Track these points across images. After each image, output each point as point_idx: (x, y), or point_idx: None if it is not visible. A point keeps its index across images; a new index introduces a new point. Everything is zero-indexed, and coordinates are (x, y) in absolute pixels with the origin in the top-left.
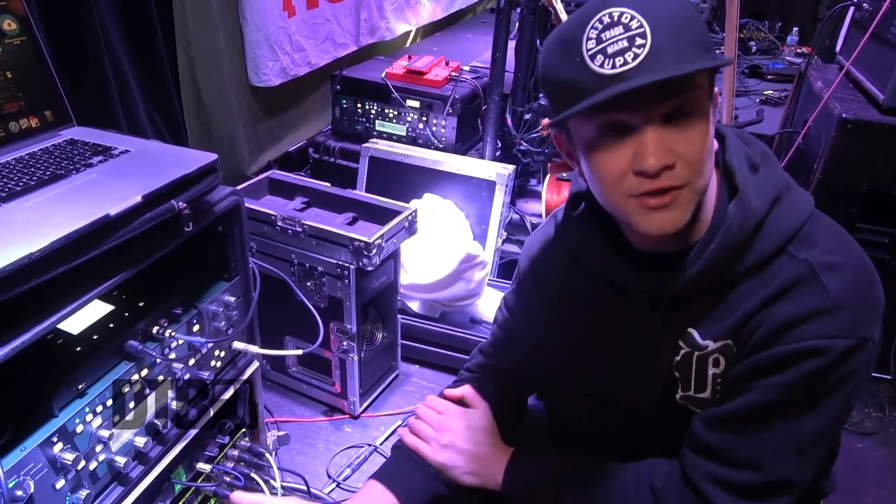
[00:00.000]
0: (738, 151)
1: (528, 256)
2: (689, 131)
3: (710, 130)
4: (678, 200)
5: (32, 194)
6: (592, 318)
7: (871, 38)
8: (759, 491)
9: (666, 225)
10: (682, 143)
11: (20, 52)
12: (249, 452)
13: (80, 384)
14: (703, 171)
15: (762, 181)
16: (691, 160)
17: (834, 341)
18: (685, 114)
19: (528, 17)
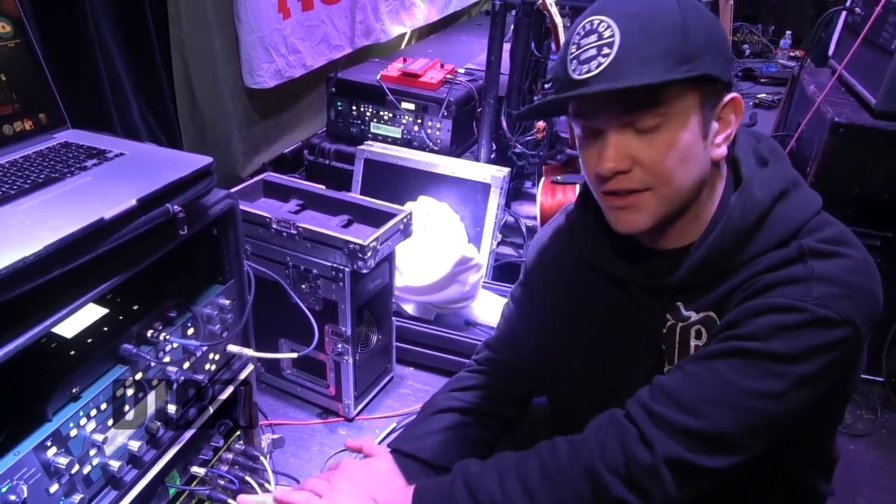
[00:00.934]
0: (746, 146)
1: (537, 249)
2: (653, 142)
3: (686, 140)
4: (638, 203)
5: (27, 197)
6: (596, 311)
7: (863, 43)
8: (695, 438)
9: (629, 225)
10: (644, 151)
11: (14, 55)
12: (244, 455)
13: (75, 388)
14: (669, 179)
15: (769, 175)
16: (653, 168)
17: (805, 303)
18: (648, 127)
19: (522, 19)
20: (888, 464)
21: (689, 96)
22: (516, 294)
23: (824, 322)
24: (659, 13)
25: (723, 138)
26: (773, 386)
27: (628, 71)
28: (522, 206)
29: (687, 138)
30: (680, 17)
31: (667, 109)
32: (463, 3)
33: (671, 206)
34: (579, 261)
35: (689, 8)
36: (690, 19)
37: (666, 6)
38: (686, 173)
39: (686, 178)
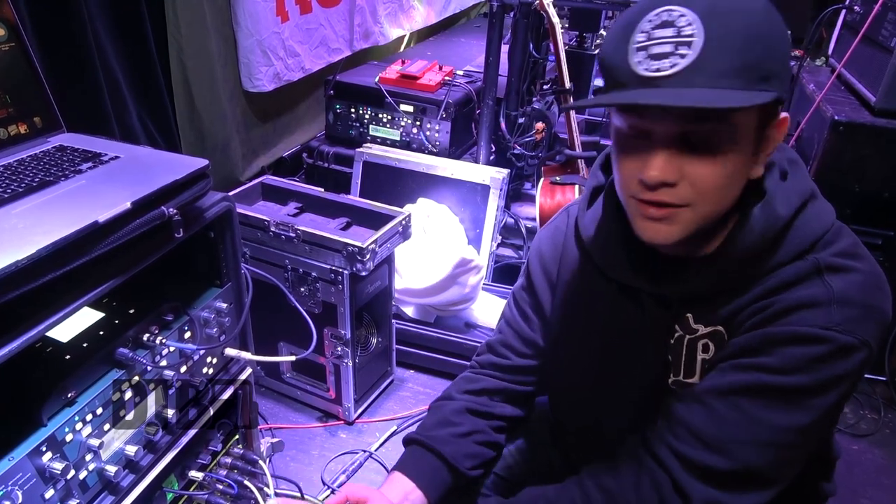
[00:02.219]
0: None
1: (538, 253)
2: (706, 159)
3: (739, 159)
4: (675, 218)
5: (20, 201)
6: (601, 316)
7: (862, 41)
8: (728, 479)
9: (657, 236)
10: (694, 168)
11: (9, 59)
12: (243, 460)
13: (70, 392)
14: (713, 199)
15: (789, 188)
16: (699, 187)
17: (829, 332)
18: (704, 141)
19: (520, 21)
20: (891, 463)
21: (752, 115)
22: (518, 295)
23: (847, 350)
24: (748, 18)
25: (763, 157)
26: (801, 419)
27: (705, 81)
28: (522, 208)
29: (740, 158)
30: (767, 28)
31: (729, 127)
32: (462, 5)
33: (706, 223)
34: (583, 263)
35: (773, 16)
36: (775, 30)
37: (755, 11)
38: (730, 193)
39: (728, 197)
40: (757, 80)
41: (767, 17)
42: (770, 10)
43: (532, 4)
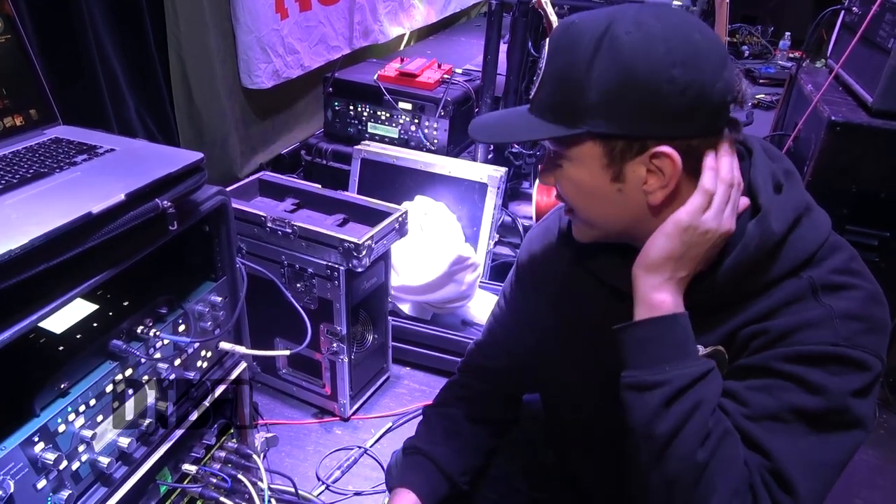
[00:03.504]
0: (764, 169)
1: (528, 252)
2: (561, 173)
3: (586, 182)
4: (573, 219)
5: (14, 192)
6: (592, 318)
7: (860, 42)
8: None
9: (575, 233)
10: (557, 180)
11: (5, 51)
12: (237, 454)
13: (63, 383)
14: (580, 211)
15: (784, 202)
16: (564, 197)
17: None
18: (556, 158)
19: (519, 20)
20: (886, 464)
21: (586, 144)
22: (508, 296)
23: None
24: (570, 57)
25: (657, 187)
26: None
27: (535, 110)
28: (519, 206)
29: (585, 180)
30: (582, 68)
31: (566, 152)
32: (462, 4)
33: (600, 232)
34: (574, 266)
35: (602, 56)
36: (597, 71)
37: (578, 50)
38: (596, 209)
39: (598, 213)
40: (564, 116)
41: (593, 56)
42: (609, 49)
43: (530, 3)
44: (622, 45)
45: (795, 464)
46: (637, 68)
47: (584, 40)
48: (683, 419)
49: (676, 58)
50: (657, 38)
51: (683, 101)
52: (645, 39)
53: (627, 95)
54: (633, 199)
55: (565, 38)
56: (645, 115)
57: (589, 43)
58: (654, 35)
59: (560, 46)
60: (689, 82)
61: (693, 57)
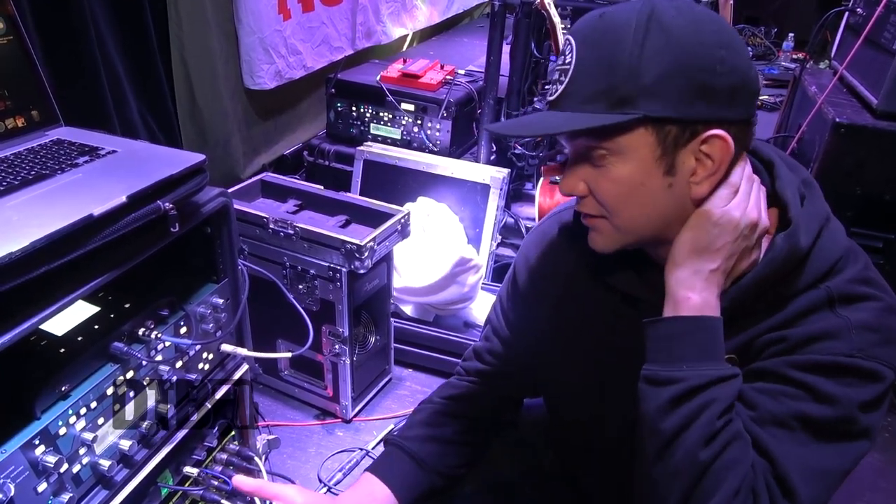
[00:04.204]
0: (790, 181)
1: (525, 258)
2: (603, 174)
3: (634, 177)
4: (598, 227)
5: (15, 194)
6: (599, 323)
7: (864, 43)
8: None
9: (594, 244)
10: (595, 181)
11: (7, 52)
12: (238, 456)
13: (64, 386)
14: (618, 212)
15: (809, 215)
16: (601, 199)
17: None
18: (598, 157)
19: (522, 21)
20: (889, 467)
21: (637, 132)
22: (505, 302)
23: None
24: (614, 44)
25: (704, 176)
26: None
27: (570, 105)
28: (522, 208)
29: (636, 175)
30: (632, 52)
31: (611, 145)
32: (465, 5)
33: (632, 238)
34: (577, 270)
35: (653, 38)
36: (649, 53)
37: (624, 36)
38: (639, 210)
39: (640, 214)
40: (612, 104)
41: (641, 39)
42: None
43: (533, 4)
44: (672, 26)
45: (798, 470)
46: (691, 48)
47: (628, 24)
48: (691, 418)
49: (723, 39)
50: (703, 21)
51: (732, 82)
52: (693, 21)
53: (682, 76)
54: (679, 195)
55: (601, 26)
56: (699, 95)
57: (636, 25)
58: (698, 18)
59: (596, 36)
60: (734, 64)
61: (734, 41)
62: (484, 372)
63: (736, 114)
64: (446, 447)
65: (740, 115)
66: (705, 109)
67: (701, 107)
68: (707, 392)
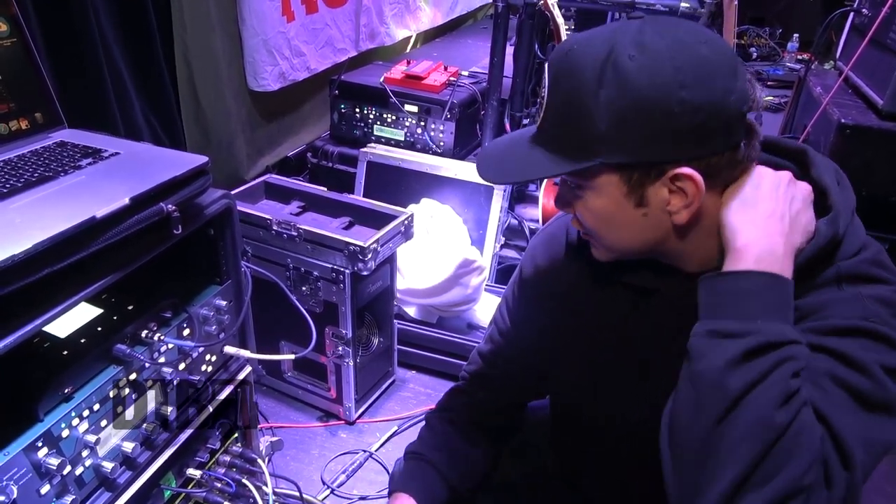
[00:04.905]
0: (827, 167)
1: (532, 260)
2: (581, 202)
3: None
4: (591, 241)
5: (19, 196)
6: (608, 320)
7: (870, 44)
8: None
9: (595, 254)
10: (576, 207)
11: (10, 54)
12: (241, 458)
13: (67, 388)
14: (601, 237)
15: (845, 201)
16: (584, 224)
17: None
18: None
19: (525, 22)
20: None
21: (602, 175)
22: (511, 305)
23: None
24: (574, 88)
25: (681, 206)
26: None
27: (543, 140)
28: (526, 209)
29: (608, 208)
30: (586, 99)
31: (582, 182)
32: (468, 6)
33: (622, 255)
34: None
35: (607, 84)
36: (603, 100)
37: (582, 80)
38: (620, 236)
39: (622, 239)
40: (576, 148)
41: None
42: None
43: (537, 5)
44: (627, 72)
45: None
46: (645, 94)
47: (586, 69)
48: (764, 374)
49: (686, 79)
50: (663, 58)
51: (697, 120)
52: (650, 62)
53: (638, 123)
54: (659, 221)
55: (566, 65)
56: (658, 140)
57: (592, 72)
58: (659, 56)
59: (561, 76)
60: (700, 103)
61: (703, 74)
62: (488, 375)
63: (709, 148)
64: (464, 456)
65: (715, 147)
66: (668, 150)
67: (661, 148)
68: (782, 350)
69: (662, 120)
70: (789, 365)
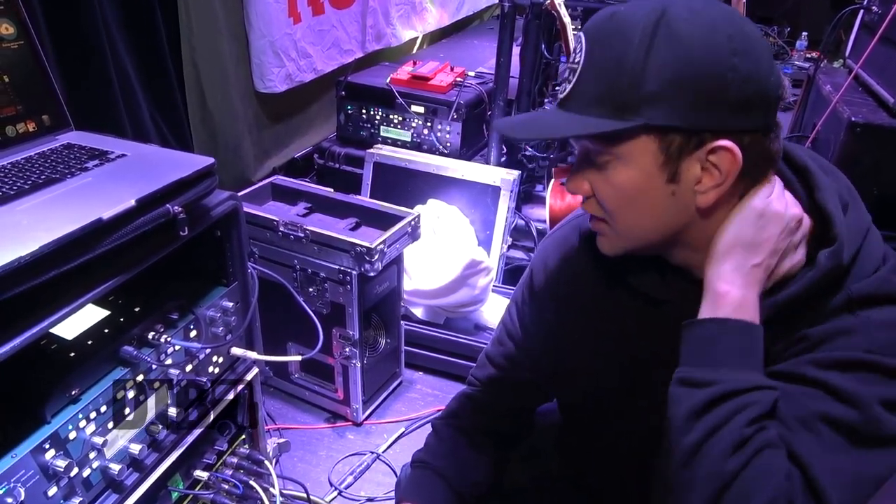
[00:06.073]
0: (831, 191)
1: (543, 263)
2: (605, 177)
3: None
4: (601, 230)
5: (26, 198)
6: (617, 326)
7: (880, 41)
8: None
9: (601, 247)
10: (597, 185)
11: (18, 57)
12: (248, 460)
13: (74, 390)
14: (618, 217)
15: (851, 228)
16: (603, 203)
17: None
18: (601, 161)
19: (532, 22)
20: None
21: (640, 139)
22: (520, 308)
23: None
24: (620, 47)
25: (710, 186)
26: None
27: (575, 106)
28: (533, 210)
29: (637, 182)
30: (637, 57)
31: (614, 150)
32: (475, 7)
33: (635, 243)
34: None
35: (660, 44)
36: (655, 59)
37: (630, 39)
38: (639, 216)
39: (639, 220)
40: (615, 109)
41: (648, 44)
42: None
43: (543, 5)
44: (682, 31)
45: (829, 474)
46: (700, 55)
47: (636, 27)
48: (720, 423)
49: (737, 46)
50: (716, 24)
51: (744, 91)
52: (705, 26)
53: (689, 84)
54: (683, 203)
55: (610, 27)
56: (706, 105)
57: (644, 30)
58: (712, 22)
59: (604, 36)
60: (749, 72)
61: (751, 46)
62: (496, 378)
63: (749, 123)
64: (472, 464)
65: (754, 124)
66: (713, 119)
67: (708, 116)
68: (742, 397)
69: (713, 84)
70: (747, 412)
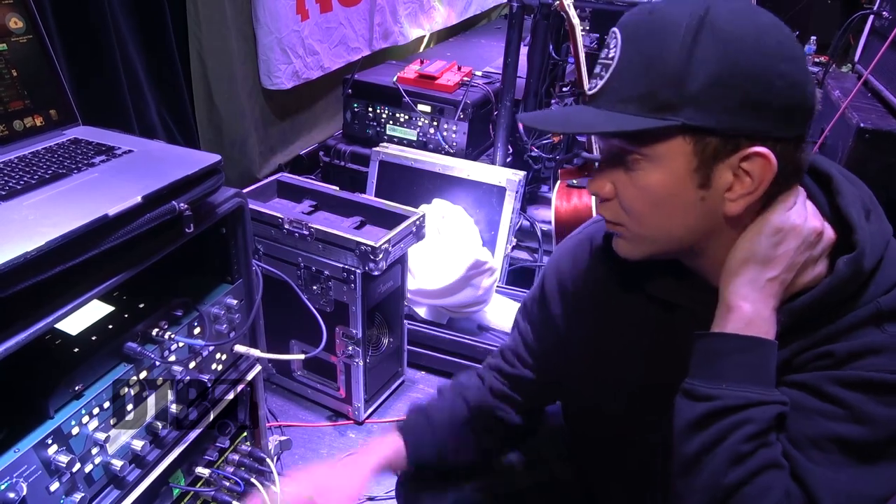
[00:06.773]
0: (854, 199)
1: (556, 266)
2: (634, 178)
3: (666, 185)
4: (622, 234)
5: (32, 193)
6: (631, 331)
7: (890, 47)
8: None
9: (618, 248)
10: (624, 185)
11: (26, 51)
12: (250, 457)
13: (77, 385)
14: (641, 221)
15: (874, 235)
16: (626, 205)
17: None
18: (630, 162)
19: (540, 22)
20: None
21: (675, 140)
22: (529, 307)
23: None
24: (661, 45)
25: (741, 194)
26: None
27: (606, 103)
28: (538, 210)
29: (667, 185)
30: (679, 56)
31: (647, 150)
32: (482, 6)
33: (655, 248)
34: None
35: (705, 43)
36: (699, 58)
37: (672, 37)
38: (663, 220)
39: (663, 225)
40: (652, 108)
41: (690, 44)
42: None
43: (552, 5)
44: (729, 32)
45: (831, 497)
46: (748, 58)
47: (678, 28)
48: (718, 438)
49: (786, 52)
50: (765, 28)
51: (790, 99)
52: (754, 28)
53: (736, 86)
54: (710, 210)
55: (649, 23)
56: (751, 109)
57: (687, 30)
58: (762, 24)
59: (643, 33)
60: (796, 80)
61: (799, 54)
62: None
63: (789, 132)
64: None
65: (794, 133)
66: (753, 124)
67: (748, 121)
68: (740, 413)
69: (759, 89)
70: (745, 428)
